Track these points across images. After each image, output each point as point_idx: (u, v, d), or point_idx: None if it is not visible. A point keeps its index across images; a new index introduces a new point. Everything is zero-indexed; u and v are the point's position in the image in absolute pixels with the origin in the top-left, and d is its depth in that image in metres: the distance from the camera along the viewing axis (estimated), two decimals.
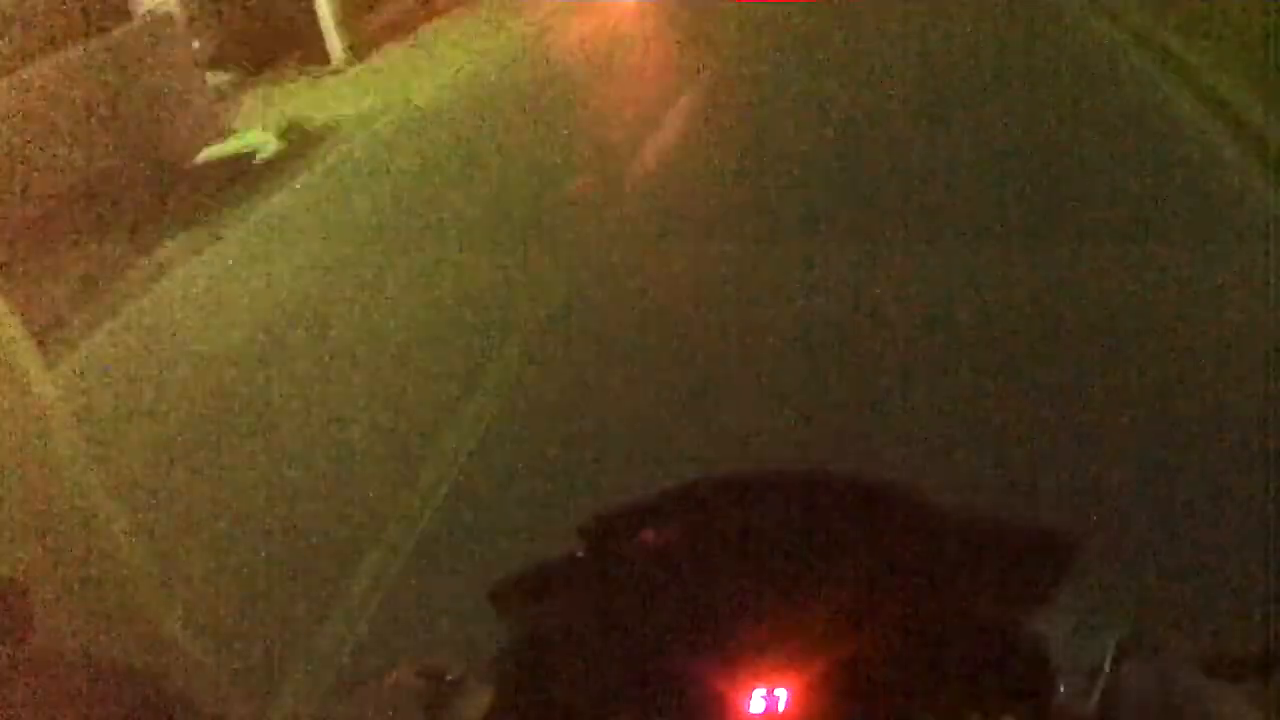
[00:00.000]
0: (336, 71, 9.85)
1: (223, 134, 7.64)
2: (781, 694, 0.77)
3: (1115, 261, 4.13)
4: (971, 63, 7.05)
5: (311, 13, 9.91)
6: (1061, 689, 0.74)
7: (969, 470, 2.97)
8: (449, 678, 0.85)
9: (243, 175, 7.02)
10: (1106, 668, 0.75)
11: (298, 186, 6.77)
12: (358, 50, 10.24)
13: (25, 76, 6.18)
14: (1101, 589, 0.80)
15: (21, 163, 5.98)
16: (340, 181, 6.89)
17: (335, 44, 10.07)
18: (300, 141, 7.54)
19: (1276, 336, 3.43)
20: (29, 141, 6.06)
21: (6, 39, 6.40)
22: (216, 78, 8.89)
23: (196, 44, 8.45)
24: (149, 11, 7.48)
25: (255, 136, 7.56)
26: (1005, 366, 3.55)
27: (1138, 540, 2.64)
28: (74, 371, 4.68)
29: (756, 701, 0.77)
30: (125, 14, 7.35)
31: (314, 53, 9.93)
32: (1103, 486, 2.86)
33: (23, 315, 1.29)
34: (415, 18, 11.45)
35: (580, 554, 0.87)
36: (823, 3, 9.18)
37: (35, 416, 1.22)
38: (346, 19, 10.23)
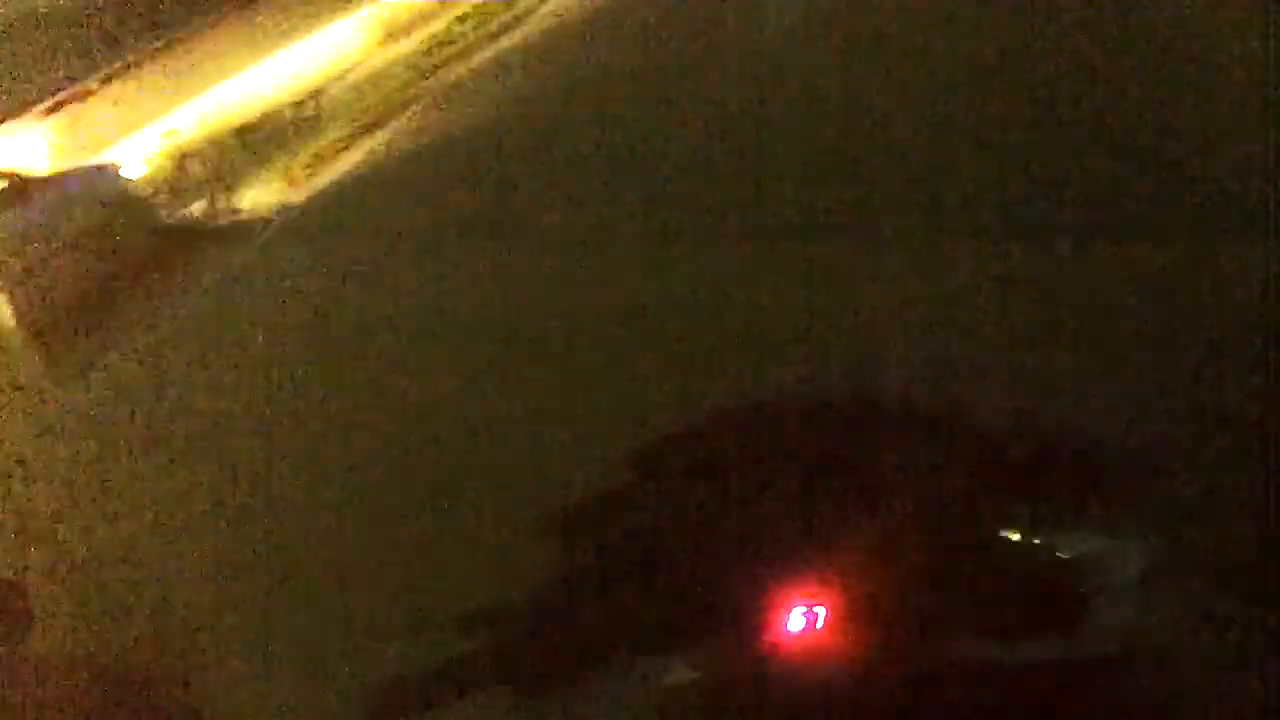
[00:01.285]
0: None
1: None
2: (820, 612, 0.80)
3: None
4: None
5: None
6: (1093, 609, 0.73)
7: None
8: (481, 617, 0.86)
9: None
10: (1138, 588, 0.74)
11: None
12: None
13: None
14: (1133, 509, 0.78)
15: None
16: None
17: None
18: None
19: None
20: None
21: None
22: None
23: None
24: None
25: None
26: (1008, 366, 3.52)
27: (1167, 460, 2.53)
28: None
29: (796, 619, 0.80)
30: None
31: None
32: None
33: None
34: None
35: (630, 481, 0.88)
36: None
37: (36, 416, 1.22)
38: None
